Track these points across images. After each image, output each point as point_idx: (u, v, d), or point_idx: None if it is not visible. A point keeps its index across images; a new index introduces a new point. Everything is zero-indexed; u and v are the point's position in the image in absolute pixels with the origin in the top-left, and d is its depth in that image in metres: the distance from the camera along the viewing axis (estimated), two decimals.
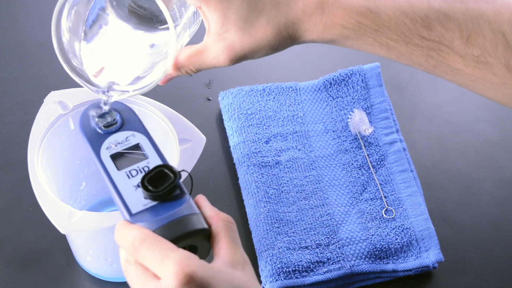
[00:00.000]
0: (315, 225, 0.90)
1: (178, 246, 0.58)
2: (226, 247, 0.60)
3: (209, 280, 0.56)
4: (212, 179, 0.96)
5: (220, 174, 0.97)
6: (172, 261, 0.56)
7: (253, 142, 0.97)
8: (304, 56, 1.10)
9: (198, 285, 0.56)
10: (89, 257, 0.85)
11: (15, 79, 1.04)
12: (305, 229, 0.90)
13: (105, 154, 0.64)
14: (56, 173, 0.83)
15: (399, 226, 0.90)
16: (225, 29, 0.67)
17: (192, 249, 0.60)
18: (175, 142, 0.79)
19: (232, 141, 0.98)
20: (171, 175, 0.61)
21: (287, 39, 0.68)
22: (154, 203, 0.61)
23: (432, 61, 0.66)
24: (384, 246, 0.88)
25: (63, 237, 0.86)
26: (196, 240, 0.60)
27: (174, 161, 0.78)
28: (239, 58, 0.69)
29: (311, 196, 0.93)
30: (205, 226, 0.61)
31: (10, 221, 0.91)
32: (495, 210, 0.95)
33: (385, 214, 0.91)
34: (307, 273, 0.86)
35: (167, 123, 0.81)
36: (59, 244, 0.88)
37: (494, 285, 0.89)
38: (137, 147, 0.65)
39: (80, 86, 0.70)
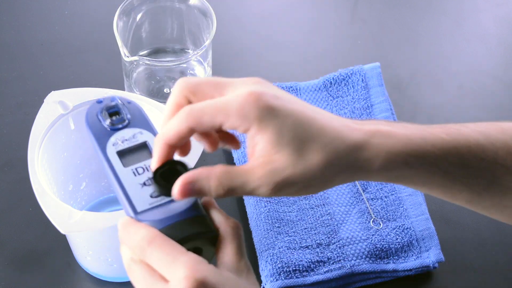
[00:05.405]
0: (315, 225, 0.90)
1: (183, 247, 0.57)
2: (232, 254, 0.59)
3: (218, 286, 0.55)
4: None
5: None
6: (183, 265, 0.55)
7: None
8: (304, 56, 1.10)
9: None
10: (89, 257, 0.85)
11: (15, 79, 1.04)
12: (305, 228, 0.90)
13: (112, 151, 0.63)
14: (56, 173, 0.83)
15: (399, 226, 0.90)
16: (276, 150, 0.57)
17: (196, 251, 0.59)
18: None
19: None
20: (184, 171, 0.59)
21: (344, 169, 0.59)
22: (160, 202, 0.60)
23: (485, 182, 0.64)
24: (384, 246, 0.88)
25: (63, 237, 0.86)
26: (201, 243, 0.59)
27: None
28: (285, 185, 0.58)
29: (311, 195, 0.93)
30: (213, 228, 0.60)
31: (10, 221, 0.91)
32: None
33: (373, 223, 0.91)
34: (307, 273, 0.86)
35: None
36: (59, 244, 0.88)
37: (494, 285, 0.89)
38: (144, 145, 0.63)
39: (80, 86, 0.70)
